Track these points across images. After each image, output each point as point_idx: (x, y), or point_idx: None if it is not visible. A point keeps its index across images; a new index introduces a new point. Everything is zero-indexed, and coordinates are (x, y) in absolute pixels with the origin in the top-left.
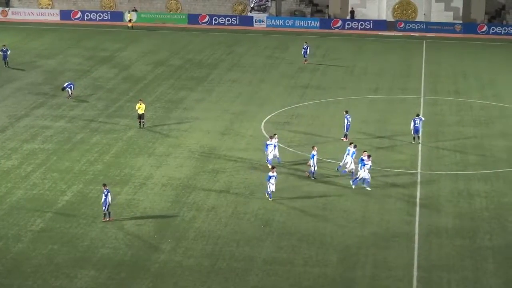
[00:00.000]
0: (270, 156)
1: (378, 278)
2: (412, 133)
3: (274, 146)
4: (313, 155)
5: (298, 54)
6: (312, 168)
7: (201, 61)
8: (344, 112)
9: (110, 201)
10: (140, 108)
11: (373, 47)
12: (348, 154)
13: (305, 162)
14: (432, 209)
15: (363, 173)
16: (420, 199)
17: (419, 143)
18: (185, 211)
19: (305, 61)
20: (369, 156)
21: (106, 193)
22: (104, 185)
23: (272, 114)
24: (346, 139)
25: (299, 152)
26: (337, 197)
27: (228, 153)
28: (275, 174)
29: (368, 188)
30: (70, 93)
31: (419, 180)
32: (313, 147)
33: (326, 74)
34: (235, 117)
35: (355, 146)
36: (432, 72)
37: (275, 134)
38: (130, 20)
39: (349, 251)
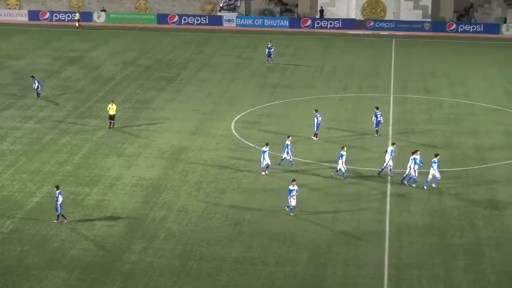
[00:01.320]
0: (265, 163)
1: (349, 277)
2: (374, 127)
3: (290, 148)
4: (341, 155)
5: (266, 55)
6: (339, 167)
7: (170, 61)
8: (314, 111)
9: (60, 203)
10: (111, 108)
11: (342, 46)
12: (386, 152)
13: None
14: (402, 207)
15: (435, 172)
16: (390, 197)
17: (379, 135)
18: (156, 211)
19: (270, 61)
20: (436, 155)
21: (57, 195)
22: (57, 187)
23: (242, 114)
24: (316, 138)
25: (269, 152)
26: (307, 195)
27: (198, 153)
28: (296, 187)
29: (433, 185)
30: (38, 93)
31: (389, 178)
32: (342, 148)
33: (296, 73)
34: (205, 117)
35: (393, 144)
36: (401, 70)
37: (289, 136)
38: (78, 20)
39: (320, 250)
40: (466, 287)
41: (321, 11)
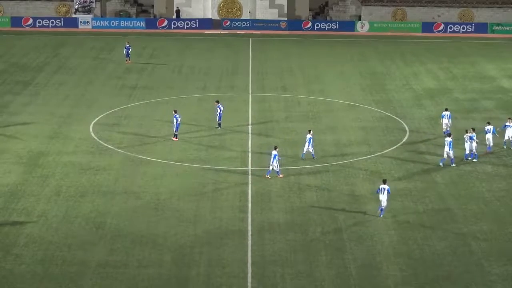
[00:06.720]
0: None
1: (213, 276)
2: (217, 120)
3: (309, 142)
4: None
5: (124, 55)
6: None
7: (26, 64)
8: (173, 112)
9: None
10: None
11: (200, 46)
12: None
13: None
14: (264, 205)
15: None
16: (251, 195)
17: (219, 128)
18: (15, 217)
19: (128, 61)
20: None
21: None
22: None
23: (101, 116)
24: (176, 138)
25: (129, 153)
26: (168, 196)
27: (57, 157)
28: None
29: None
30: None
31: (250, 176)
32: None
33: (154, 74)
34: (63, 120)
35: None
36: (259, 69)
37: (310, 130)
38: None
39: (183, 251)
40: (329, 282)
41: (177, 11)
